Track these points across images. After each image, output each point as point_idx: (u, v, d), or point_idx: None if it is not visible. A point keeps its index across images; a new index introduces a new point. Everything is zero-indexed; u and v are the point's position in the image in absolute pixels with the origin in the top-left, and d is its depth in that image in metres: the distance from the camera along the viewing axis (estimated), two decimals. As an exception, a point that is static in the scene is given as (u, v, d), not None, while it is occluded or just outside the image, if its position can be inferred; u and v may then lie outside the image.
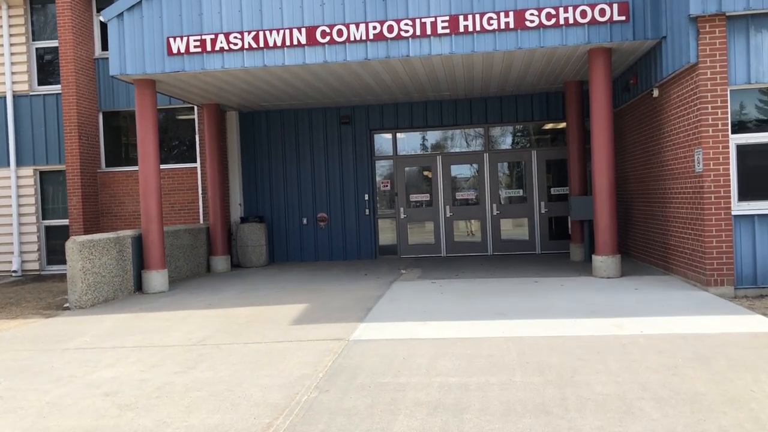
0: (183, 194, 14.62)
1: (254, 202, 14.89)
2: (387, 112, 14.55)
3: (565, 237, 14.34)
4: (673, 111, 9.46)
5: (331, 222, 14.69)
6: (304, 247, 14.77)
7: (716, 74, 8.34)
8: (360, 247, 14.63)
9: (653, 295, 8.32)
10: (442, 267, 12.51)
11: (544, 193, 14.39)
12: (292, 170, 14.79)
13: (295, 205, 14.80)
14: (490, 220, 14.51)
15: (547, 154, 14.41)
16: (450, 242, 14.60)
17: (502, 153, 14.59)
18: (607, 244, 10.02)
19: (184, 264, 12.55)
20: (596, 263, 10.08)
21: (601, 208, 10.06)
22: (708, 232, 8.39)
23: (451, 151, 14.73)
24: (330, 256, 14.69)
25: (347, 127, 14.63)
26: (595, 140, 10.08)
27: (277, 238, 14.83)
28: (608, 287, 9.12)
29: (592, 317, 7.12)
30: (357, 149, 14.62)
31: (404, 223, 14.74)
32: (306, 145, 14.74)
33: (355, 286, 10.35)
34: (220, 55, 10.27)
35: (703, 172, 8.40)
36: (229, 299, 9.64)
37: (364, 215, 14.61)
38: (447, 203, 14.63)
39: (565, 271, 10.95)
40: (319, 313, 8.11)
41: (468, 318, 7.36)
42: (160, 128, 14.89)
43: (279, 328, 7.32)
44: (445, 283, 10.19)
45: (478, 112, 14.33)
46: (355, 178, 14.63)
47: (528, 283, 9.84)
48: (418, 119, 14.49)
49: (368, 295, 9.24)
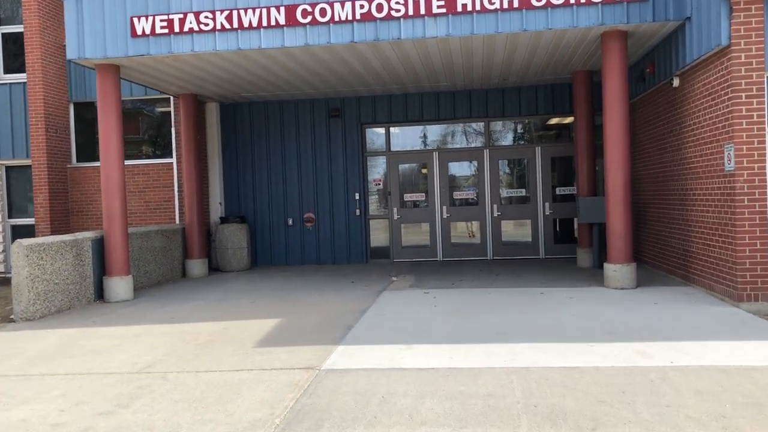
0: (159, 192, 13.54)
1: (236, 201, 13.81)
2: (380, 104, 13.45)
3: (571, 241, 13.26)
4: (698, 102, 8.38)
5: (318, 223, 13.61)
6: (289, 249, 13.69)
7: (751, 58, 7.25)
8: (350, 249, 13.55)
9: (676, 312, 7.24)
10: (438, 273, 11.43)
11: (548, 193, 13.30)
12: (277, 167, 13.70)
13: (280, 204, 13.72)
14: (491, 221, 13.43)
15: (553, 151, 13.32)
16: (447, 246, 13.52)
17: (503, 149, 13.50)
18: (621, 251, 8.94)
19: (155, 268, 11.47)
20: (608, 272, 9.01)
21: (615, 211, 8.98)
22: (740, 239, 7.31)
23: (449, 147, 13.64)
24: (317, 259, 13.61)
25: (336, 121, 13.54)
26: (609, 134, 8.99)
27: (261, 240, 13.75)
28: (623, 300, 8.04)
29: (609, 340, 6.04)
30: (347, 144, 13.53)
31: (398, 225, 13.67)
32: (292, 140, 13.66)
33: (338, 296, 9.28)
34: (190, 37, 9.18)
35: (735, 170, 7.32)
36: (196, 311, 8.56)
37: (355, 216, 13.53)
38: (444, 203, 13.55)
39: (573, 280, 9.88)
40: (292, 331, 7.03)
41: (464, 340, 6.29)
42: (134, 120, 13.83)
43: (241, 350, 6.24)
44: (440, 293, 9.12)
45: (478, 104, 13.24)
46: (345, 175, 13.54)
47: (533, 294, 8.77)
48: (413, 112, 13.40)
49: (351, 309, 8.16)
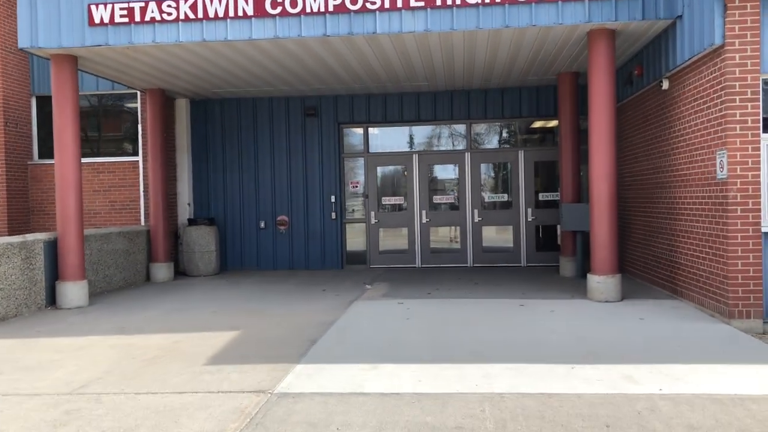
0: (124, 191, 12.91)
1: (206, 202, 13.20)
2: (358, 104, 12.92)
3: (553, 249, 12.80)
4: (689, 105, 7.93)
5: (292, 226, 13.04)
6: (261, 253, 13.10)
7: (746, 59, 6.81)
8: (324, 254, 13.00)
9: (664, 329, 6.77)
10: (415, 281, 10.90)
11: (531, 198, 12.84)
12: (250, 167, 13.11)
13: (252, 206, 13.13)
14: (471, 227, 12.94)
15: (536, 155, 12.86)
16: (426, 252, 13.01)
17: (485, 153, 13.02)
18: (605, 261, 8.47)
19: (115, 273, 10.84)
20: (592, 284, 8.54)
21: (600, 219, 8.51)
22: (732, 252, 6.86)
23: (430, 149, 13.13)
24: (290, 264, 13.04)
25: (313, 120, 12.99)
26: (594, 139, 8.53)
27: (231, 244, 13.15)
28: (608, 315, 7.57)
29: (592, 362, 5.55)
30: (323, 145, 12.98)
31: (375, 229, 13.13)
32: (266, 139, 13.08)
33: (306, 306, 8.72)
34: (151, 27, 8.60)
35: (728, 178, 6.87)
36: (152, 320, 7.97)
37: (330, 219, 12.98)
38: (423, 208, 13.04)
39: (555, 291, 9.40)
40: (250, 346, 6.47)
41: (435, 359, 5.76)
42: (100, 116, 13.20)
43: (191, 368, 5.67)
44: (414, 304, 8.59)
45: (460, 106, 12.75)
46: (321, 177, 12.99)
47: (512, 306, 8.27)
48: (392, 113, 12.89)
49: (318, 321, 7.61)
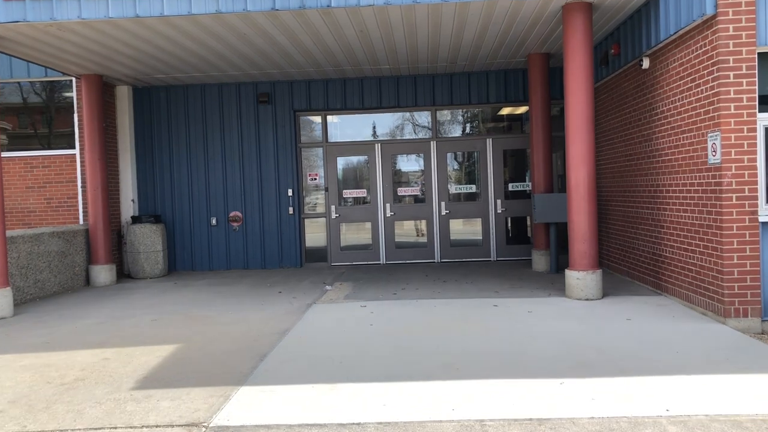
0: (61, 188, 11.79)
1: (152, 198, 12.18)
2: (315, 89, 12.04)
3: (524, 242, 12.16)
4: (674, 85, 7.28)
5: (246, 223, 12.11)
6: (213, 253, 12.15)
7: (740, 30, 6.16)
8: (282, 252, 12.11)
9: (656, 332, 6.11)
10: (380, 279, 10.12)
11: (500, 189, 12.15)
12: (199, 159, 12.13)
13: (202, 201, 12.16)
14: (438, 220, 12.20)
15: (505, 144, 12.17)
16: (390, 247, 12.23)
17: (452, 141, 12.28)
18: (585, 256, 7.80)
19: (49, 277, 9.80)
20: (571, 280, 7.86)
21: (578, 209, 7.83)
22: (727, 244, 6.23)
23: (393, 138, 12.33)
24: (245, 263, 12.12)
25: (266, 108, 12.06)
26: (572, 120, 7.83)
27: (180, 242, 12.17)
28: (591, 315, 6.89)
29: (583, 375, 4.83)
30: (278, 134, 12.07)
31: (336, 224, 12.30)
32: (216, 129, 12.11)
33: (259, 311, 7.85)
34: (77, 1, 7.59)
35: (721, 163, 6.23)
36: (82, 332, 7.01)
37: (288, 214, 12.09)
38: (387, 201, 12.25)
39: (531, 288, 8.71)
40: (189, 363, 5.59)
41: (403, 374, 4.98)
42: (33, 105, 12.04)
43: (115, 394, 4.78)
44: (379, 307, 7.80)
45: (425, 92, 11.98)
46: (276, 169, 12.08)
47: (485, 307, 7.54)
48: (352, 99, 12.04)
49: (271, 330, 6.76)
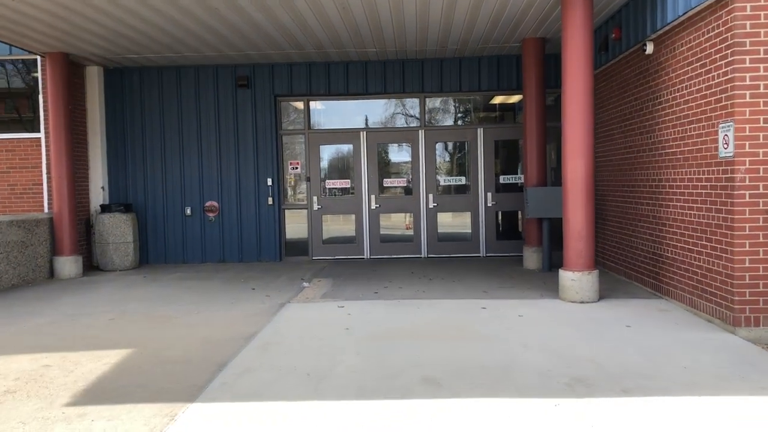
0: (26, 174, 11.10)
1: (123, 186, 11.50)
2: (297, 73, 11.38)
3: (515, 237, 11.60)
4: (681, 71, 6.71)
5: (223, 213, 11.47)
6: (187, 244, 11.51)
7: (759, 10, 5.58)
8: (260, 245, 11.49)
9: (659, 342, 5.55)
10: (362, 276, 9.53)
11: (491, 181, 11.56)
12: (174, 145, 11.46)
13: (176, 190, 11.49)
14: (426, 213, 11.61)
15: (497, 134, 11.58)
16: (375, 241, 11.63)
17: (441, 131, 11.67)
18: (581, 255, 7.23)
19: (7, 269, 9.13)
20: (565, 281, 7.30)
21: (575, 205, 7.25)
22: (738, 246, 5.67)
23: (379, 126, 11.71)
24: (221, 256, 11.49)
25: (245, 92, 11.39)
26: (569, 108, 7.24)
27: (153, 233, 11.51)
28: (587, 322, 6.33)
29: (580, 394, 4.26)
30: (258, 120, 11.42)
31: (318, 216, 11.68)
32: (192, 114, 11.43)
33: (228, 311, 7.24)
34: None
35: (734, 157, 5.67)
36: (30, 333, 6.38)
37: (267, 205, 11.45)
38: (373, 192, 11.64)
39: (521, 288, 8.15)
40: (138, 373, 4.98)
41: (378, 390, 4.39)
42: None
43: (45, 412, 4.16)
44: (358, 307, 7.21)
45: (413, 77, 11.35)
46: (255, 157, 11.44)
47: (473, 309, 6.97)
48: (337, 84, 11.40)
49: (235, 333, 6.15)
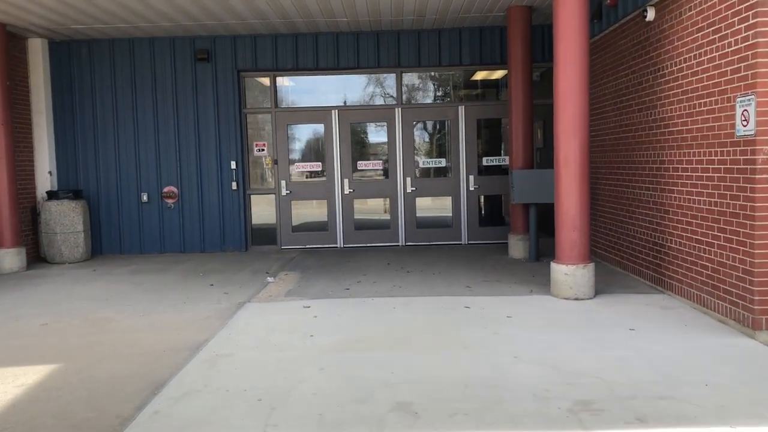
0: (-37, 157, 10.07)
1: (73, 171, 10.51)
2: (262, 47, 10.43)
3: (498, 223, 10.85)
4: (688, 39, 5.93)
5: (183, 199, 10.55)
6: (144, 234, 10.58)
7: (787, -36, 4.82)
8: (224, 234, 10.60)
9: (668, 348, 4.81)
10: (333, 267, 8.71)
11: (473, 163, 10.77)
12: (128, 126, 10.48)
13: (131, 174, 10.53)
14: (403, 198, 10.80)
15: (479, 112, 10.76)
16: (349, 229, 10.80)
17: (419, 109, 10.82)
18: (575, 246, 6.47)
19: (-65, 264, 8.19)
20: (558, 275, 6.54)
21: (568, 190, 6.48)
22: (759, 238, 4.93)
23: (353, 104, 10.83)
24: (182, 246, 10.58)
25: (205, 67, 10.42)
26: (562, 80, 6.44)
27: (107, 222, 10.56)
28: (585, 323, 5.58)
29: (590, 426, 3.49)
30: (220, 98, 10.47)
31: (287, 202, 10.81)
32: (147, 90, 10.45)
33: (178, 313, 6.38)
34: None
35: (756, 135, 4.91)
36: (-58, 343, 5.48)
37: (231, 190, 10.55)
38: (346, 176, 10.79)
39: (509, 282, 7.39)
40: (53, 399, 4.11)
41: (341, 425, 3.58)
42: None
43: None
44: (326, 307, 6.39)
45: (388, 51, 10.46)
46: (218, 138, 10.50)
47: (455, 308, 6.19)
48: (305, 58, 10.47)
49: (182, 343, 5.30)
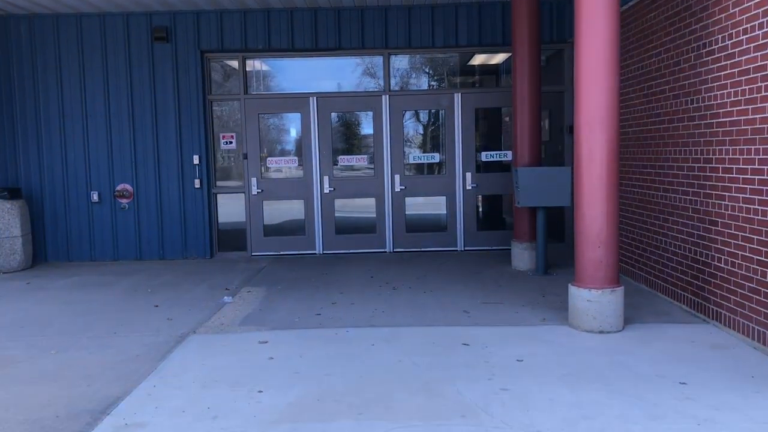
0: None
1: (11, 167, 9.14)
2: (229, 24, 9.09)
3: (499, 226, 9.58)
4: (750, 3, 4.64)
5: (139, 199, 9.22)
6: (95, 238, 9.25)
7: None
8: (186, 238, 9.28)
9: (744, 419, 3.54)
10: (306, 283, 7.42)
11: (471, 159, 9.48)
12: (75, 115, 9.13)
13: (80, 171, 9.19)
14: (391, 198, 9.50)
15: (478, 100, 9.46)
16: (329, 232, 9.51)
17: (410, 96, 9.50)
18: (602, 267, 5.18)
19: None
20: (577, 302, 5.26)
21: (593, 197, 5.19)
22: None
23: (333, 90, 9.50)
24: (138, 252, 9.26)
25: (164, 47, 9.06)
26: (585, 59, 5.13)
27: (52, 225, 9.23)
28: (619, 372, 4.29)
29: None
30: (180, 83, 9.12)
31: (258, 202, 9.50)
32: (97, 75, 9.09)
33: (99, 349, 5.06)
34: None
35: None
36: None
37: (194, 188, 9.23)
38: (326, 172, 9.48)
39: (514, 304, 6.11)
40: None
41: None
42: None
43: None
44: (289, 344, 5.09)
45: (375, 30, 9.13)
46: (178, 129, 9.16)
47: (450, 347, 4.90)
48: (279, 38, 9.12)
49: (87, 401, 3.98)
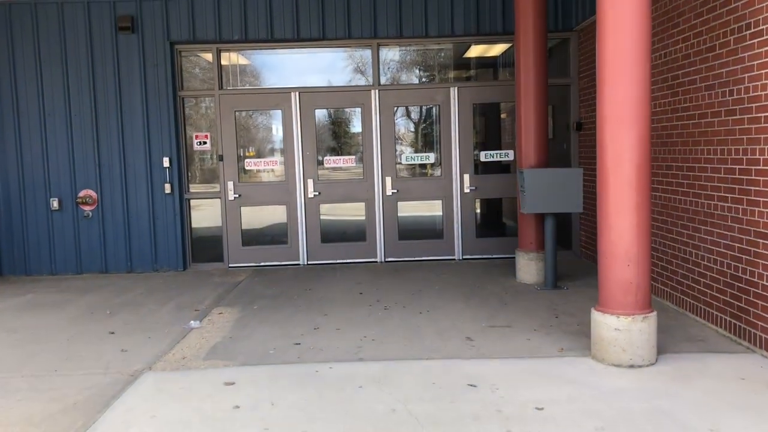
0: None
1: (-39, 170, 8.31)
2: (202, 12, 8.23)
3: (500, 233, 8.80)
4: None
5: (103, 206, 8.36)
6: (56, 249, 8.38)
7: None
8: (156, 249, 8.43)
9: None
10: (287, 302, 6.59)
11: (468, 159, 8.68)
12: (32, 114, 8.25)
13: (38, 176, 8.31)
14: (382, 203, 8.69)
15: (476, 95, 8.65)
16: (314, 241, 8.68)
17: (401, 91, 8.68)
18: (632, 289, 4.37)
19: None
20: (603, 330, 4.45)
21: (621, 206, 4.38)
22: None
23: (317, 85, 8.67)
24: (104, 265, 8.40)
25: (129, 38, 8.20)
26: (610, 45, 4.32)
27: (7, 234, 8.35)
28: (663, 424, 3.48)
29: None
30: (148, 77, 8.26)
31: (235, 208, 8.66)
32: (57, 69, 8.21)
33: (30, 394, 4.21)
34: None
35: None
36: None
37: (164, 194, 8.37)
38: (310, 175, 8.65)
39: (524, 328, 5.30)
40: None
41: None
42: None
43: None
44: (259, 384, 4.26)
45: (363, 17, 8.31)
46: (146, 128, 8.30)
47: (453, 390, 4.08)
48: (257, 27, 8.28)
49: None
